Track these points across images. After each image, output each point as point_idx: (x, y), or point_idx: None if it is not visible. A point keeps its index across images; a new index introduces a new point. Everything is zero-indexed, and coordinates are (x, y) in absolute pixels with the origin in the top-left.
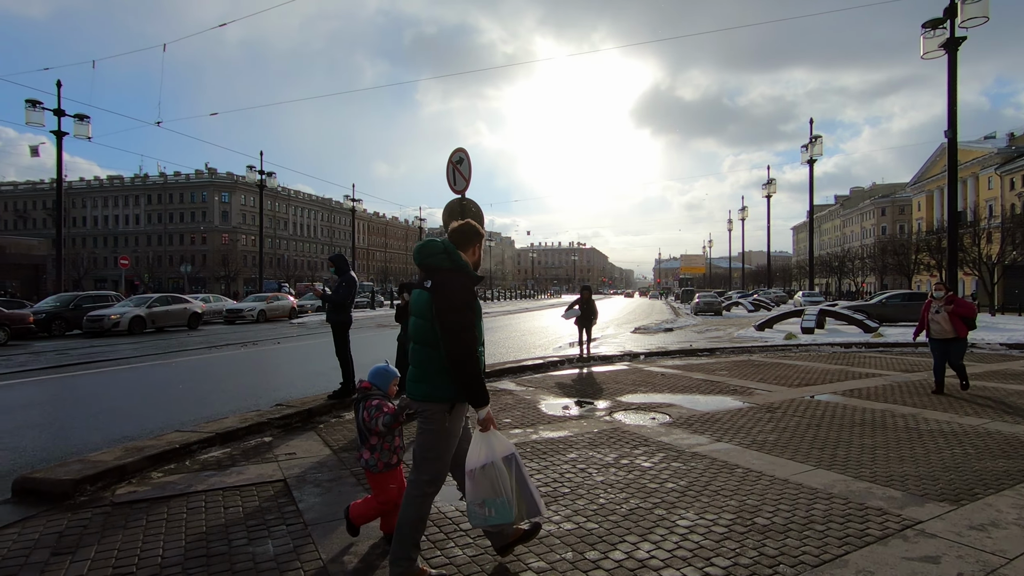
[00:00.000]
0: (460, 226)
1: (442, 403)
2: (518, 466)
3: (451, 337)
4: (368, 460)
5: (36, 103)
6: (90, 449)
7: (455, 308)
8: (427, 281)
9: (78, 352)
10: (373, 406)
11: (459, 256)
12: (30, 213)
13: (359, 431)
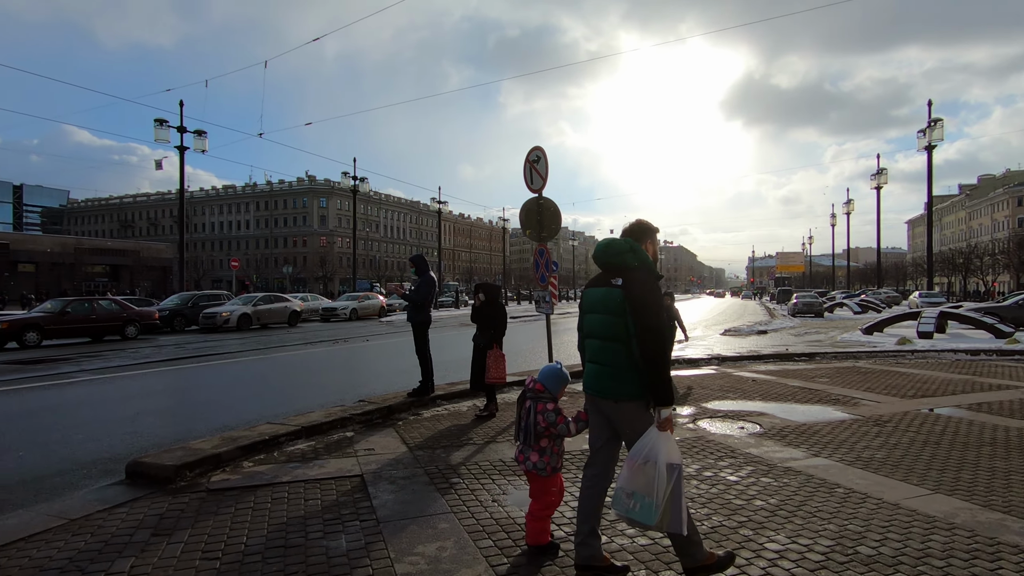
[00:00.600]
0: (634, 224)
1: (638, 400)
2: (679, 479)
3: (649, 336)
4: (537, 463)
5: (163, 122)
6: (194, 437)
7: (651, 307)
8: (615, 279)
9: (192, 346)
10: (550, 410)
11: (645, 255)
12: (160, 221)
13: (526, 432)
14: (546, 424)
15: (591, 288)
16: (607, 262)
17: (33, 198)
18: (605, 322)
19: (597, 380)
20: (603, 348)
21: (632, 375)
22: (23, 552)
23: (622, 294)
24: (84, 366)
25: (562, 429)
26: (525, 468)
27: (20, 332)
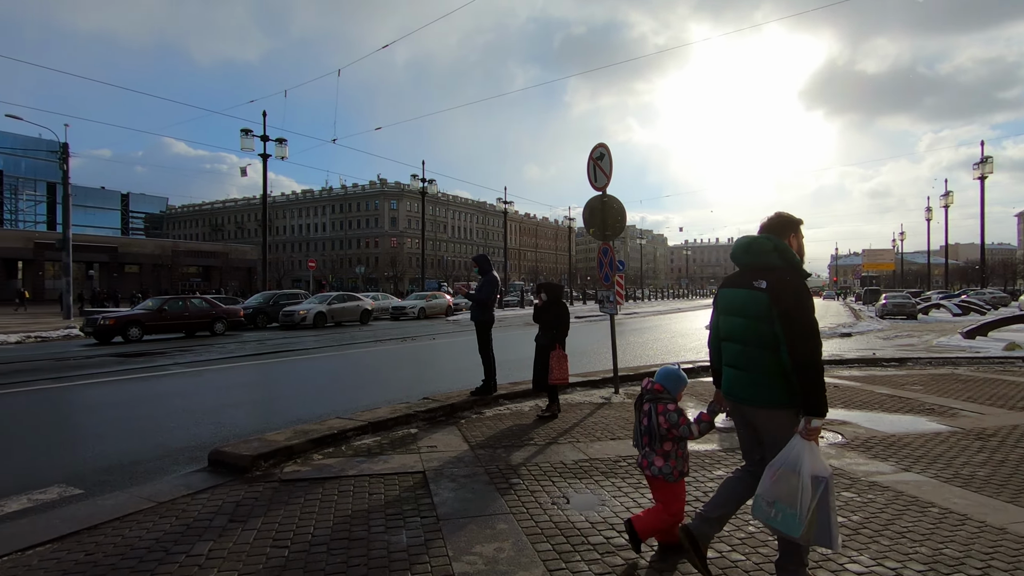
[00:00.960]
0: (774, 219)
1: (787, 408)
2: (826, 491)
3: (801, 341)
4: (663, 468)
5: (248, 131)
6: (270, 428)
7: (803, 309)
8: (758, 281)
9: (272, 343)
10: (672, 411)
11: (793, 254)
12: (246, 224)
13: (649, 436)
14: (668, 426)
15: (729, 288)
16: (748, 263)
17: (137, 205)
18: (747, 327)
19: (739, 386)
20: (745, 354)
21: (778, 382)
22: (117, 531)
23: (767, 298)
24: (177, 359)
25: (684, 431)
26: (650, 474)
27: (124, 328)
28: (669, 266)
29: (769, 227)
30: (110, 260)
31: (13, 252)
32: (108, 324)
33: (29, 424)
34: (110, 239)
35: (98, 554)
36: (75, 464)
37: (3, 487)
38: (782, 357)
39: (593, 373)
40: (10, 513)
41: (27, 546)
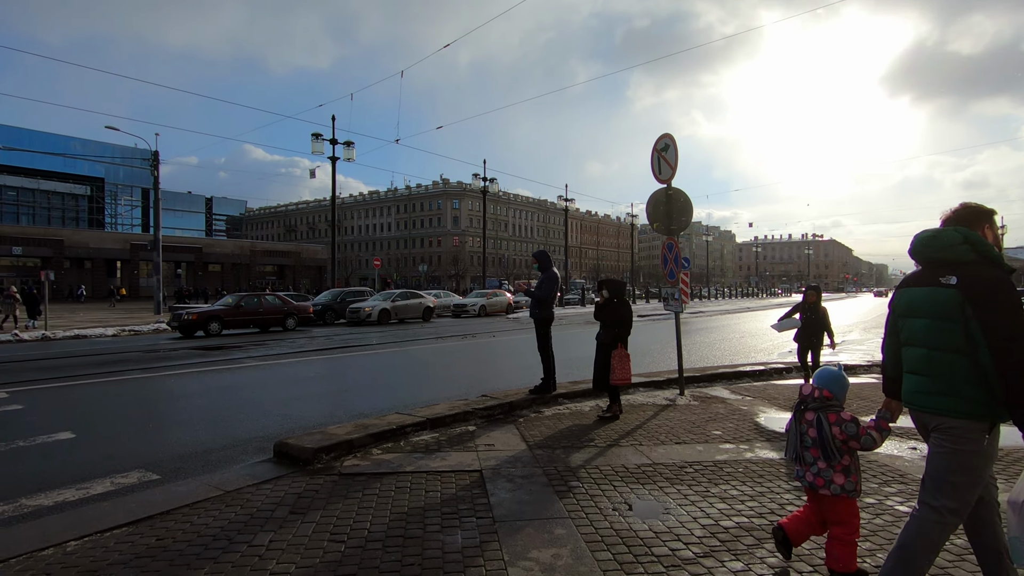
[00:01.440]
0: (961, 210)
1: (980, 421)
2: None
3: (1007, 345)
4: (846, 485)
5: (318, 135)
6: (333, 422)
7: (1008, 308)
8: (946, 277)
9: (339, 338)
10: (848, 420)
11: (989, 247)
12: (317, 225)
13: (824, 450)
14: (845, 437)
15: (910, 288)
16: (933, 257)
17: (220, 208)
18: (934, 328)
19: (924, 394)
20: (931, 358)
21: (971, 390)
22: (186, 518)
23: (957, 295)
24: (251, 353)
25: (867, 441)
26: (829, 493)
27: (205, 323)
28: (737, 263)
29: (957, 219)
30: (195, 259)
31: (112, 253)
32: (191, 319)
33: (118, 411)
34: (195, 240)
35: (168, 539)
36: (154, 451)
37: (92, 470)
38: (979, 362)
39: (657, 373)
40: (94, 495)
41: (105, 528)
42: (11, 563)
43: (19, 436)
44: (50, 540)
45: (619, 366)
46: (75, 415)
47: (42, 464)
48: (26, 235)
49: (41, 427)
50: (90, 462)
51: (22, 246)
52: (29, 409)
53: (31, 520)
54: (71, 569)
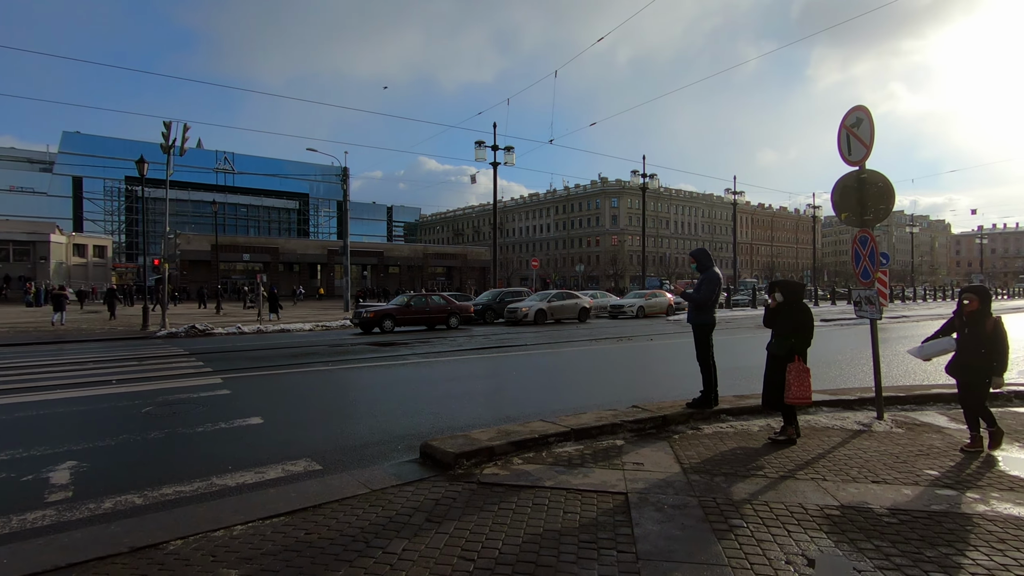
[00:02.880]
0: None
1: None
2: None
3: None
4: None
5: (481, 143)
6: (479, 424)
7: None
8: None
9: (496, 337)
10: None
11: None
12: (481, 228)
13: None
14: None
15: None
16: None
17: (398, 216)
18: None
19: None
20: None
21: None
22: (334, 514)
23: None
24: (415, 350)
25: None
26: None
27: (381, 320)
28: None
29: None
30: (378, 262)
31: (314, 258)
32: (368, 317)
33: (298, 401)
34: (378, 245)
35: (314, 535)
36: (321, 441)
37: (270, 455)
38: None
39: (846, 391)
40: (267, 480)
41: (267, 516)
42: (189, 540)
43: (222, 419)
44: (222, 522)
45: (796, 382)
46: (266, 402)
47: (233, 446)
48: (251, 244)
49: (239, 411)
50: (269, 448)
51: (249, 253)
52: (234, 395)
53: (216, 499)
54: (232, 554)
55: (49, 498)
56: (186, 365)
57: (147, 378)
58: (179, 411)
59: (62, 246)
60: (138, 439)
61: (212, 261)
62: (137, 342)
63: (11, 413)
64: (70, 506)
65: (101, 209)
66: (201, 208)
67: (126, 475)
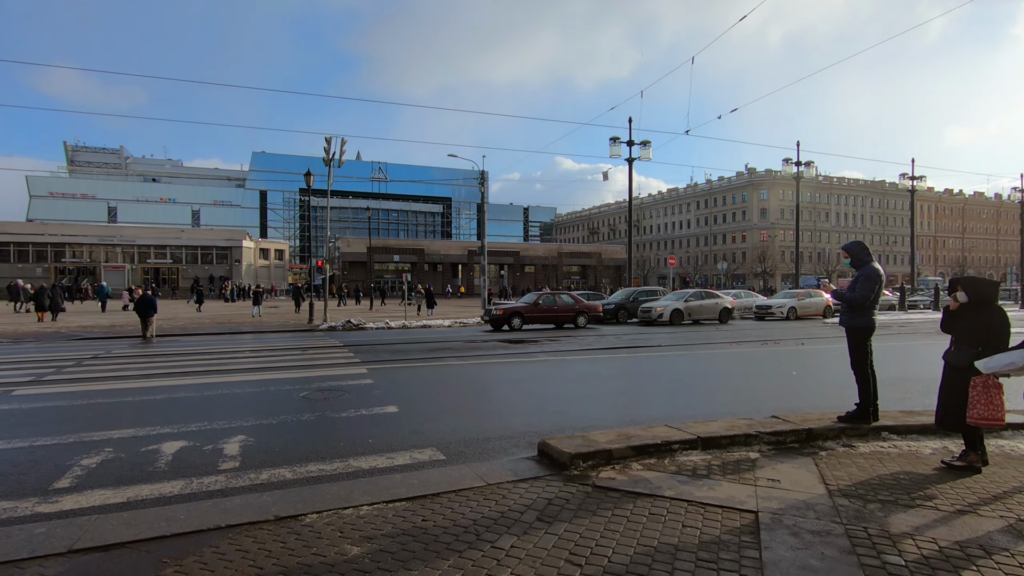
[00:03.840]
0: None
1: None
2: None
3: None
4: None
5: (616, 139)
6: (600, 425)
7: None
8: None
9: (627, 337)
10: None
11: None
12: (617, 226)
13: None
14: None
15: None
16: None
17: (534, 216)
18: None
19: None
20: None
21: None
22: (449, 504)
23: None
24: (544, 348)
25: None
26: None
27: (509, 318)
28: None
29: None
30: (514, 262)
31: (456, 258)
32: (498, 315)
33: (431, 393)
34: (514, 245)
35: (429, 522)
36: (446, 433)
37: (400, 442)
38: None
39: None
40: (395, 466)
41: (391, 499)
42: (323, 515)
43: (363, 406)
44: (352, 501)
45: (983, 399)
46: (403, 392)
47: (370, 431)
48: (401, 247)
49: (379, 400)
50: (401, 435)
51: (399, 255)
52: (375, 384)
53: (350, 479)
54: (357, 531)
55: (221, 466)
56: (339, 356)
57: (307, 366)
58: (329, 397)
59: (251, 250)
60: (294, 420)
61: (367, 262)
62: (304, 334)
63: (203, 392)
64: (235, 475)
65: (281, 218)
66: (359, 214)
67: (281, 451)
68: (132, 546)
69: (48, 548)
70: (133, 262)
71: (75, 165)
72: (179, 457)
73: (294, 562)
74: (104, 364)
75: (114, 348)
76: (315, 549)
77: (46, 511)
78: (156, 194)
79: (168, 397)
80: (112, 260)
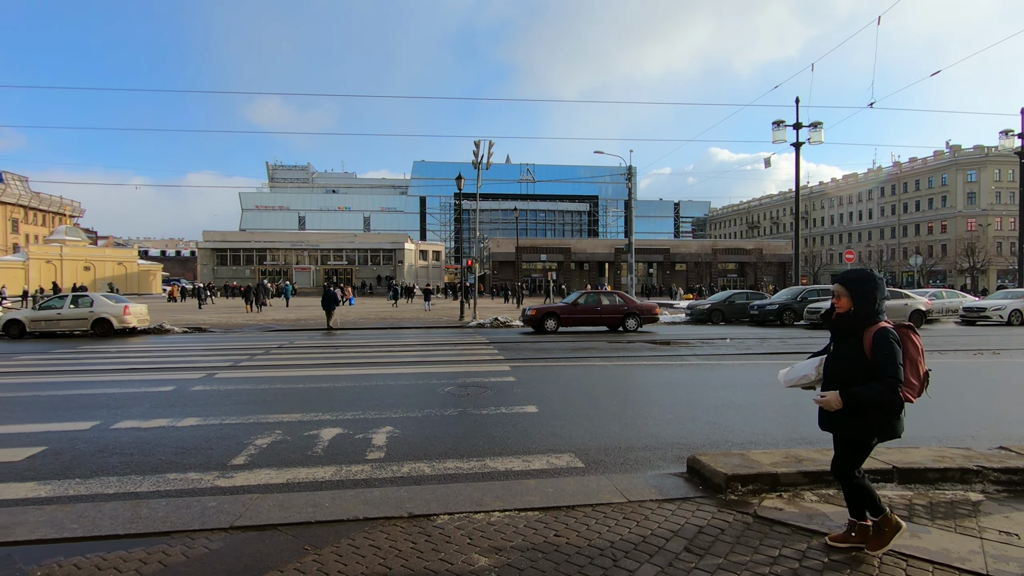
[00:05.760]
0: None
1: None
2: None
3: None
4: None
5: (780, 123)
6: (761, 442)
7: None
8: None
9: (794, 341)
10: None
11: None
12: (781, 219)
13: None
14: None
15: None
16: None
17: (686, 211)
18: None
19: None
20: None
21: None
22: (584, 520)
23: None
24: (696, 351)
25: None
26: None
27: (542, 319)
28: None
29: None
30: (664, 260)
31: (602, 257)
32: (531, 315)
33: (570, 394)
34: (664, 242)
35: (562, 539)
36: (586, 438)
37: (538, 445)
38: None
39: None
40: (532, 470)
41: (523, 508)
42: (454, 517)
43: (503, 404)
44: (483, 506)
45: None
46: (543, 392)
47: (509, 431)
48: (548, 246)
49: (519, 399)
50: (539, 437)
51: (546, 254)
52: (517, 382)
53: (484, 480)
54: (486, 540)
55: (368, 456)
56: (484, 352)
57: (454, 361)
58: (472, 393)
59: (412, 252)
60: (437, 414)
61: (516, 261)
62: (454, 330)
63: (361, 382)
64: (379, 465)
65: (437, 221)
66: (508, 215)
67: (422, 445)
68: (282, 529)
69: (215, 522)
70: (316, 264)
71: (274, 182)
72: (333, 444)
73: (421, 566)
74: (286, 353)
75: (296, 339)
76: (443, 554)
77: (222, 485)
78: (335, 204)
79: (331, 386)
80: (301, 262)
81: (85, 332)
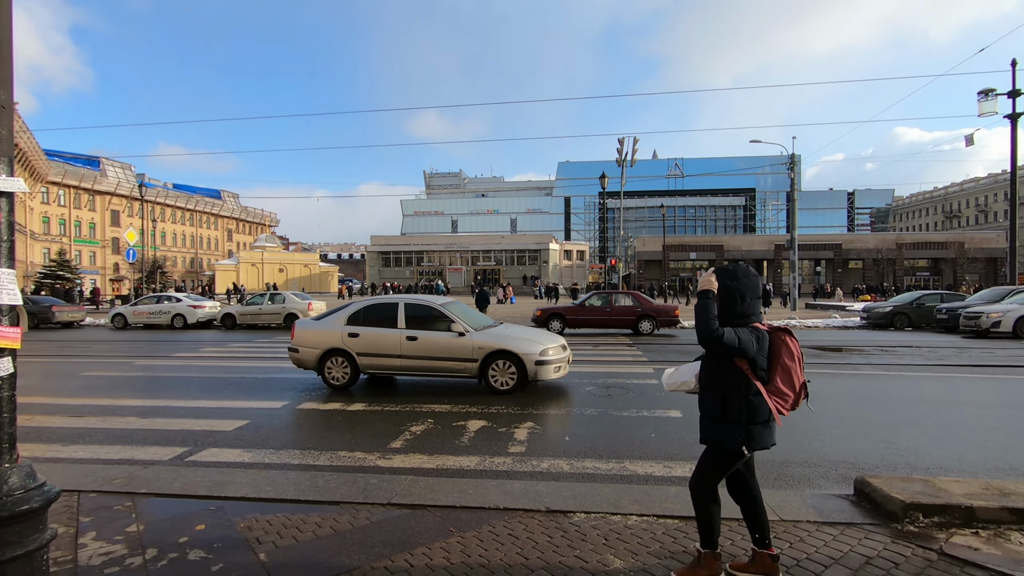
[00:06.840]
0: None
1: None
2: None
3: None
4: None
5: (987, 92)
6: (958, 469)
7: None
8: None
9: (1004, 352)
10: None
11: None
12: (990, 207)
13: None
14: None
15: None
16: None
17: (863, 201)
18: None
19: None
20: None
21: None
22: (727, 534)
23: None
24: (871, 359)
25: None
26: None
27: (547, 320)
28: None
29: None
30: (835, 256)
31: (760, 254)
32: (536, 315)
33: None
34: (834, 236)
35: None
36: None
37: (680, 451)
38: None
39: None
40: (674, 476)
41: (662, 514)
42: (590, 516)
43: (645, 407)
44: (621, 508)
45: None
46: (688, 396)
47: (650, 435)
48: (698, 243)
49: (663, 402)
50: (682, 443)
51: (695, 252)
52: (660, 385)
53: (623, 483)
54: (621, 543)
55: (510, 449)
56: (627, 353)
57: (596, 361)
58: (613, 394)
59: (557, 252)
60: (578, 413)
61: (663, 260)
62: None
63: None
64: (520, 459)
65: (582, 220)
66: (655, 213)
67: (563, 443)
68: (431, 510)
69: (375, 497)
70: (468, 264)
71: (430, 188)
72: (479, 435)
73: (556, 560)
74: None
75: None
76: (578, 552)
77: (382, 465)
78: (484, 207)
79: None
80: (453, 263)
81: (279, 325)
